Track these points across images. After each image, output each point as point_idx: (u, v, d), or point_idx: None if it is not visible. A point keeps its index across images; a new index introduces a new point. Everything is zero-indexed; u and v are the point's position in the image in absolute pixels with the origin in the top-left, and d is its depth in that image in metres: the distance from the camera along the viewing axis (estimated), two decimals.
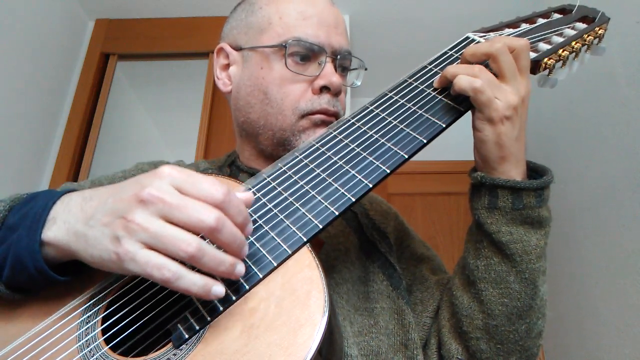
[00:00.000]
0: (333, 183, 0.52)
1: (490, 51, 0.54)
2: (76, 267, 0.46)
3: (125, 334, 0.46)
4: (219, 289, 0.41)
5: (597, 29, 0.65)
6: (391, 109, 0.58)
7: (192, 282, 0.39)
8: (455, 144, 2.22)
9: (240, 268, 0.42)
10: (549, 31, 0.66)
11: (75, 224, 0.43)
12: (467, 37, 0.65)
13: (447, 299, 0.64)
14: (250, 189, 0.53)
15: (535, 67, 0.60)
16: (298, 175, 0.54)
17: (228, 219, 0.41)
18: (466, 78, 0.54)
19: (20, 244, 0.44)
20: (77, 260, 0.44)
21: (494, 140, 0.54)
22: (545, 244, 0.58)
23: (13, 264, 0.44)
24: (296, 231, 0.48)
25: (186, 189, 0.41)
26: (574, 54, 0.64)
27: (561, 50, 0.62)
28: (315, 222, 0.49)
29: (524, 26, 0.68)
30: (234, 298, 0.44)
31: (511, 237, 0.56)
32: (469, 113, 0.58)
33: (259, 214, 0.50)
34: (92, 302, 0.48)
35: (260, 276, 0.45)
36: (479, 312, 0.58)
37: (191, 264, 0.39)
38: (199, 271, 0.40)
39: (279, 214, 0.50)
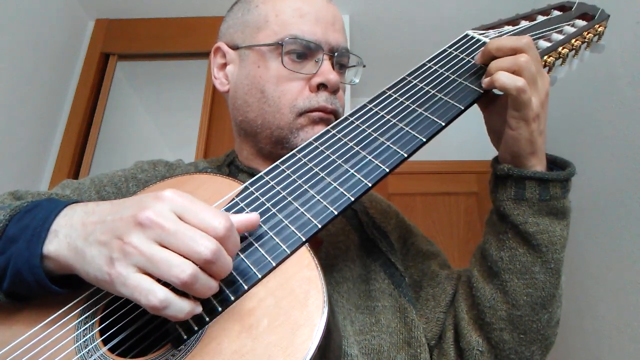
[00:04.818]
0: (332, 182, 0.52)
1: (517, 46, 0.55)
2: (76, 279, 0.45)
3: (124, 334, 0.46)
4: (199, 310, 0.41)
5: (596, 26, 0.65)
6: (390, 108, 0.58)
7: (179, 309, 0.39)
8: (455, 144, 2.22)
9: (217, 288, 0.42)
10: (548, 28, 0.65)
11: (76, 239, 0.43)
12: (467, 35, 0.65)
13: (465, 291, 0.64)
14: (248, 188, 0.53)
15: None
16: (297, 174, 0.53)
17: (224, 250, 0.40)
18: (509, 76, 0.54)
19: (21, 257, 0.43)
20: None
21: (527, 137, 0.55)
22: (568, 234, 0.59)
23: (13, 276, 0.44)
24: (295, 231, 0.48)
25: (186, 217, 0.40)
26: (573, 51, 0.64)
27: (561, 48, 0.62)
28: (315, 222, 0.48)
29: (524, 23, 0.67)
30: (232, 298, 0.43)
31: (538, 228, 0.57)
32: (468, 112, 0.58)
33: (257, 213, 0.50)
34: (89, 303, 0.47)
35: (259, 276, 0.45)
36: (503, 302, 0.59)
37: (182, 290, 0.39)
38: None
39: (277, 214, 0.50)
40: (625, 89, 1.43)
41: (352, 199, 0.50)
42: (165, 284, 0.39)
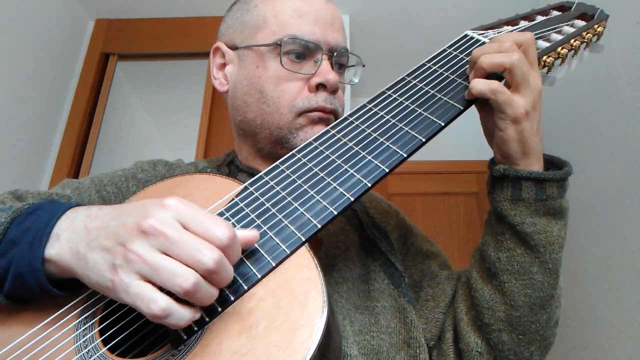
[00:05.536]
0: (331, 182, 0.52)
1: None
2: (76, 282, 0.45)
3: (123, 335, 0.46)
4: (197, 317, 0.41)
5: (596, 26, 0.65)
6: (389, 108, 0.58)
7: (180, 317, 0.39)
8: (455, 144, 2.22)
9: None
10: (547, 29, 0.65)
11: (78, 244, 0.42)
12: (466, 35, 0.65)
13: (464, 292, 0.64)
14: (248, 188, 0.53)
15: None
16: (296, 175, 0.53)
17: (227, 260, 0.40)
18: (482, 81, 0.54)
19: (22, 260, 0.43)
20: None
21: (517, 138, 0.55)
22: (565, 234, 0.58)
23: (14, 278, 0.44)
24: (295, 231, 0.48)
25: (190, 226, 0.40)
26: (573, 51, 0.64)
27: (560, 48, 0.62)
28: (314, 222, 0.48)
29: (523, 24, 0.67)
30: (232, 299, 0.43)
31: (535, 228, 0.56)
32: (468, 112, 0.58)
33: (257, 213, 0.50)
34: (89, 303, 0.47)
35: (259, 276, 0.45)
36: (502, 303, 0.59)
37: (184, 298, 0.39)
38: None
39: (277, 214, 0.50)
40: (625, 89, 1.43)
41: (352, 199, 0.50)
42: (166, 291, 0.39)
